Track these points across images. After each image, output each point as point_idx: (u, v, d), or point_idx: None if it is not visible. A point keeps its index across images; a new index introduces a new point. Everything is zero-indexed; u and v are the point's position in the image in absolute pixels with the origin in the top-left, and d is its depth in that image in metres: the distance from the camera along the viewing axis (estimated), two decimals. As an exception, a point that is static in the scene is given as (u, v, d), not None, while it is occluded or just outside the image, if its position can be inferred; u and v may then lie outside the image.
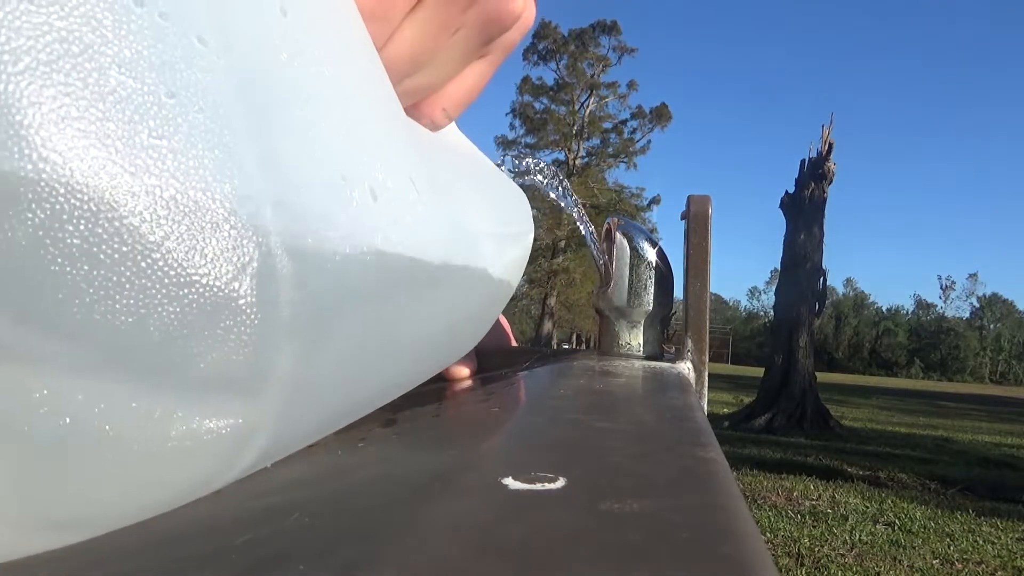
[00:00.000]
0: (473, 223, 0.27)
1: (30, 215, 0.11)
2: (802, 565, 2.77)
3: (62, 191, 0.12)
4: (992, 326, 66.92)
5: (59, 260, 0.12)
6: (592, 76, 22.51)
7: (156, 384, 0.13)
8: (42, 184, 0.11)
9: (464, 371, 0.41)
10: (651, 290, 0.53)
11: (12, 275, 0.11)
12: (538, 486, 0.15)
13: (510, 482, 0.15)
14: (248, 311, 0.14)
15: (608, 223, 0.55)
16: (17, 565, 0.14)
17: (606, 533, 0.12)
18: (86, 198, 0.12)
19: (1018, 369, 63.78)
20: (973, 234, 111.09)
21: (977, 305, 68.08)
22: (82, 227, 0.12)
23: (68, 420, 0.13)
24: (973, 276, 69.45)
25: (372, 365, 0.22)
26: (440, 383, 0.40)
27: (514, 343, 0.55)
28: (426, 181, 0.23)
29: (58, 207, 0.12)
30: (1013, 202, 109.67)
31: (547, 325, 21.42)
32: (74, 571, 0.13)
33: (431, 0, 0.24)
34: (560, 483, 0.15)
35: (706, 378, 0.50)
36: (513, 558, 0.11)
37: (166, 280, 0.13)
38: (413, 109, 0.29)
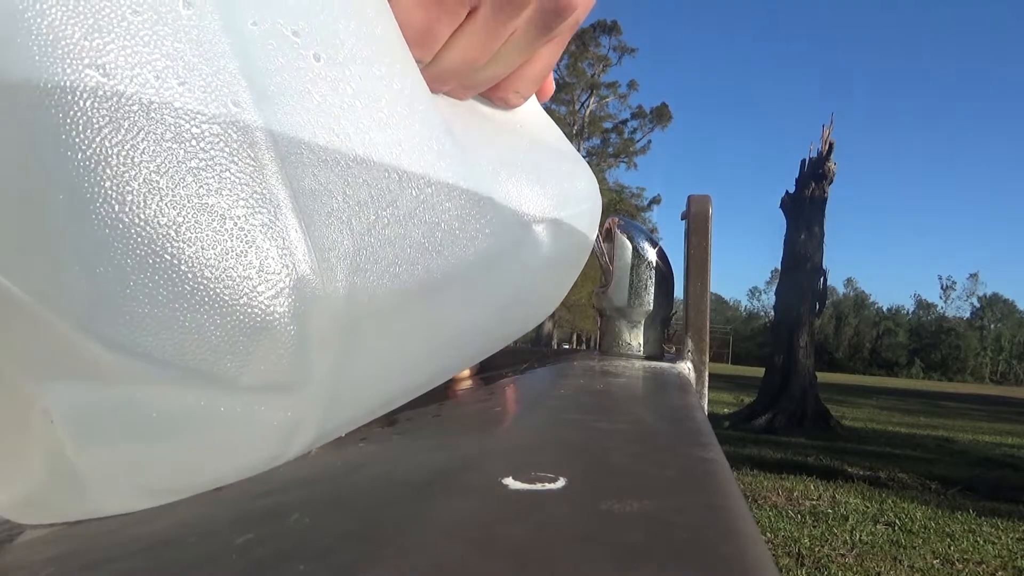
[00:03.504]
0: (523, 211, 0.28)
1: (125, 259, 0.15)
2: (802, 565, 2.77)
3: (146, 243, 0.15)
4: (992, 326, 66.87)
5: (139, 300, 0.15)
6: (592, 76, 22.50)
7: (218, 388, 0.17)
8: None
9: (464, 371, 0.41)
10: (651, 290, 0.53)
11: (102, 313, 0.15)
12: (538, 486, 0.15)
13: (510, 482, 0.15)
14: (283, 329, 0.18)
15: (608, 223, 0.55)
16: (18, 565, 0.14)
17: (606, 533, 0.12)
18: (157, 260, 0.15)
19: (1018, 369, 63.72)
20: (973, 234, 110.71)
21: (978, 305, 68.03)
22: (155, 283, 0.15)
23: (155, 415, 0.16)
24: (973, 276, 69.42)
25: (414, 360, 0.24)
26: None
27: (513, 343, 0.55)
28: (468, 185, 0.24)
29: (134, 261, 0.15)
30: (1013, 202, 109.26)
31: (547, 325, 21.41)
32: (74, 571, 0.13)
33: (481, 14, 0.24)
34: (560, 483, 0.15)
35: (706, 378, 0.50)
36: (513, 558, 0.11)
37: (214, 312, 0.16)
38: (487, 93, 0.29)
